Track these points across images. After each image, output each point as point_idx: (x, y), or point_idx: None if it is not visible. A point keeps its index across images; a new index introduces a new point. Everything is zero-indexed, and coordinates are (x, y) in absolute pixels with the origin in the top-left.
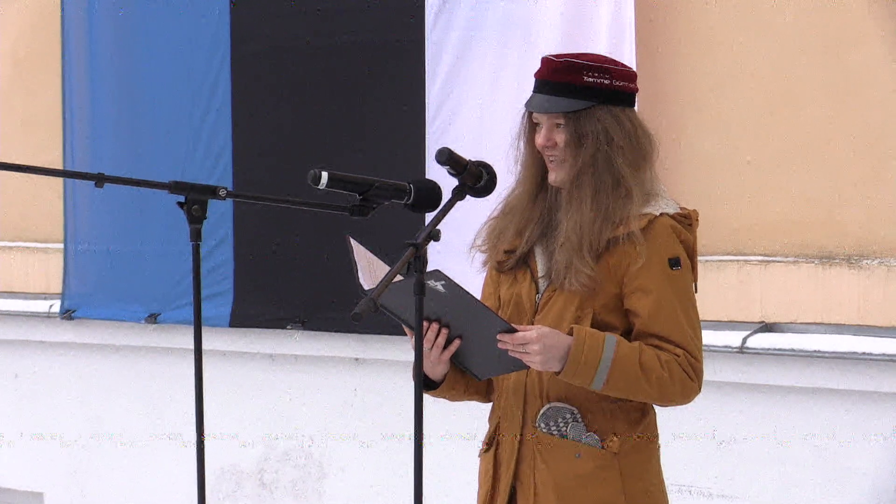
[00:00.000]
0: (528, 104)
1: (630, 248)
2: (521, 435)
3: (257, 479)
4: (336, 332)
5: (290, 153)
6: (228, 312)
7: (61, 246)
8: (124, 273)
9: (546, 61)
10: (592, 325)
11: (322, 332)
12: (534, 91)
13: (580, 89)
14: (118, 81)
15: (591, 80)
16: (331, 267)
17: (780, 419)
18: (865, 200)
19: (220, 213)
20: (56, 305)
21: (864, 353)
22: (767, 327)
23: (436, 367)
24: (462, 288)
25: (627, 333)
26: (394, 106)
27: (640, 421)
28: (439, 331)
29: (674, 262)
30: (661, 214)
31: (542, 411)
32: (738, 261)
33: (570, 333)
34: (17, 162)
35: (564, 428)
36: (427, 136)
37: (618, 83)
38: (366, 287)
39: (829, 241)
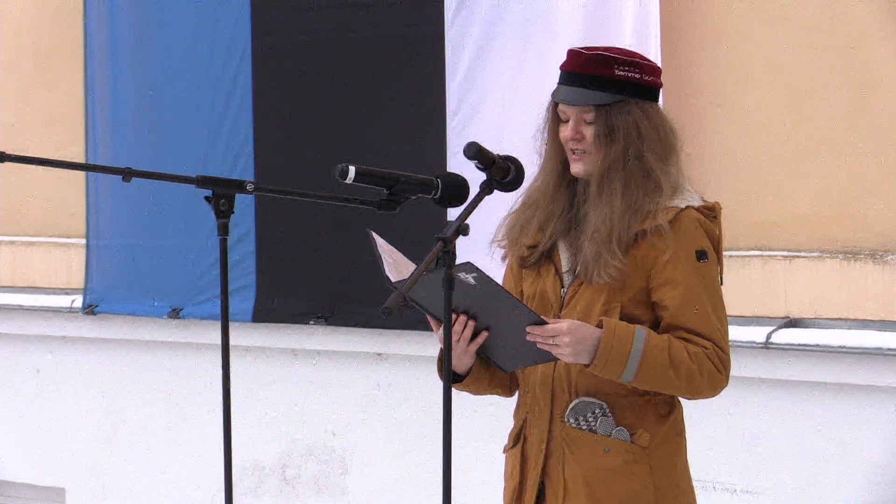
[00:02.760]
0: (555, 95)
1: (657, 241)
2: (550, 430)
3: (280, 475)
4: (359, 327)
5: (310, 147)
6: (251, 307)
7: (83, 241)
8: (146, 268)
9: (575, 53)
10: (620, 319)
11: (345, 328)
12: (560, 83)
13: (612, 82)
14: (140, 76)
15: (622, 73)
16: (354, 262)
17: (805, 414)
18: (890, 195)
19: (242, 208)
20: (78, 301)
21: (889, 349)
22: (792, 322)
23: (462, 359)
24: (493, 281)
25: (654, 327)
26: (414, 100)
27: (668, 415)
28: (466, 323)
29: (701, 255)
30: (687, 207)
31: (570, 406)
32: (762, 256)
33: (600, 326)
34: (38, 156)
35: (594, 422)
36: (448, 130)
37: (647, 78)
38: (393, 280)
39: (854, 236)
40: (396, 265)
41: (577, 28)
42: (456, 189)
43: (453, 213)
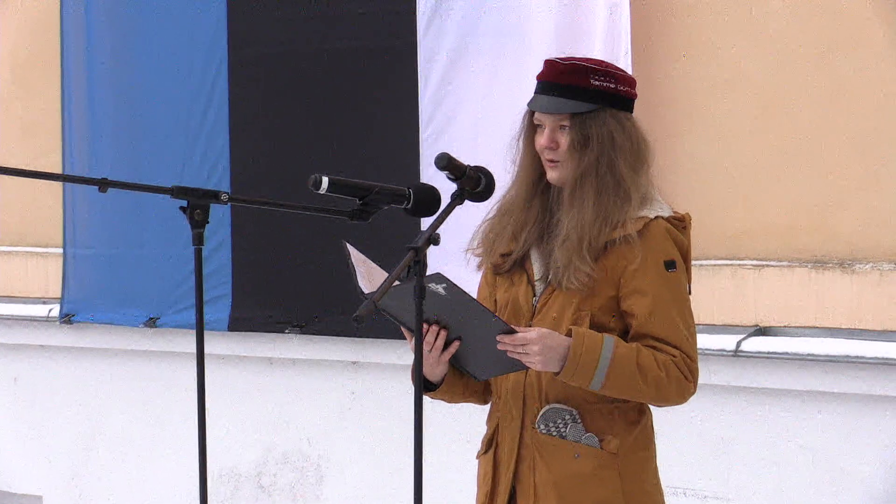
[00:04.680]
0: (531, 104)
1: (627, 251)
2: (521, 436)
3: (255, 482)
4: (334, 335)
5: (286, 158)
6: (227, 316)
7: (60, 250)
8: (123, 277)
9: (551, 63)
10: (590, 327)
11: (320, 336)
12: (537, 92)
13: (587, 92)
14: (116, 86)
15: (597, 83)
16: (329, 271)
17: (774, 422)
18: (859, 205)
19: (217, 218)
20: (55, 309)
21: (857, 357)
22: (761, 331)
23: (435, 368)
24: (463, 290)
25: (624, 335)
26: (388, 111)
27: (637, 422)
28: (438, 332)
29: (669, 265)
30: (657, 217)
31: (541, 412)
32: (732, 265)
33: (569, 335)
34: (16, 166)
35: (563, 429)
36: (421, 141)
37: (622, 88)
38: (365, 291)
39: (823, 246)
40: (370, 276)
41: (550, 40)
42: (427, 199)
43: (428, 223)
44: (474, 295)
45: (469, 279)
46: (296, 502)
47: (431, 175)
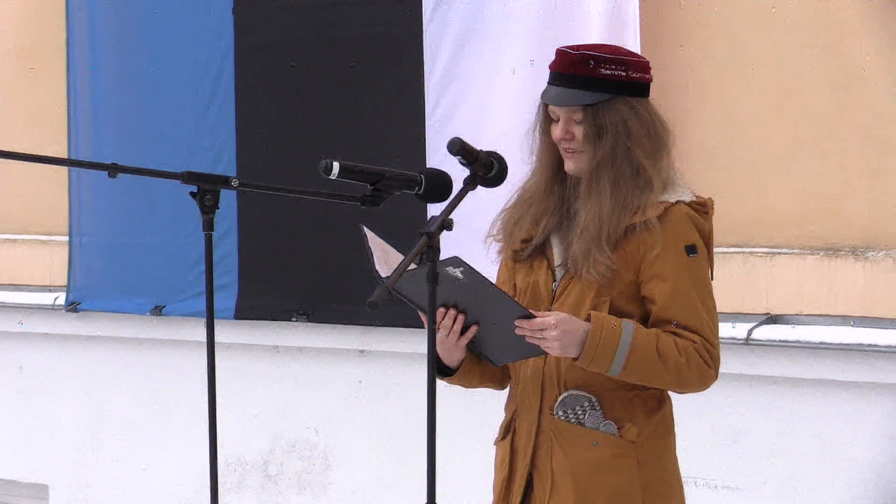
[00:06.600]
0: (544, 96)
1: (647, 236)
2: (539, 422)
3: (262, 471)
4: (341, 323)
5: (292, 145)
6: (233, 304)
7: (66, 238)
8: (129, 265)
9: (562, 53)
10: (610, 313)
11: (327, 324)
12: (549, 83)
13: (598, 82)
14: (122, 74)
15: (608, 72)
16: (335, 258)
17: (786, 410)
18: (871, 192)
19: (224, 206)
20: (61, 298)
21: (869, 345)
22: (773, 319)
23: (452, 353)
24: (480, 275)
25: (644, 320)
26: (394, 98)
27: (657, 410)
28: (456, 317)
29: (690, 250)
30: (678, 202)
31: (559, 399)
32: (743, 253)
33: (588, 319)
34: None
35: (582, 416)
36: (427, 127)
37: (634, 74)
38: (382, 275)
39: (835, 233)
40: (387, 260)
41: (555, 26)
42: (439, 185)
43: (433, 209)
44: (493, 280)
45: (487, 267)
46: (303, 491)
47: (438, 162)
